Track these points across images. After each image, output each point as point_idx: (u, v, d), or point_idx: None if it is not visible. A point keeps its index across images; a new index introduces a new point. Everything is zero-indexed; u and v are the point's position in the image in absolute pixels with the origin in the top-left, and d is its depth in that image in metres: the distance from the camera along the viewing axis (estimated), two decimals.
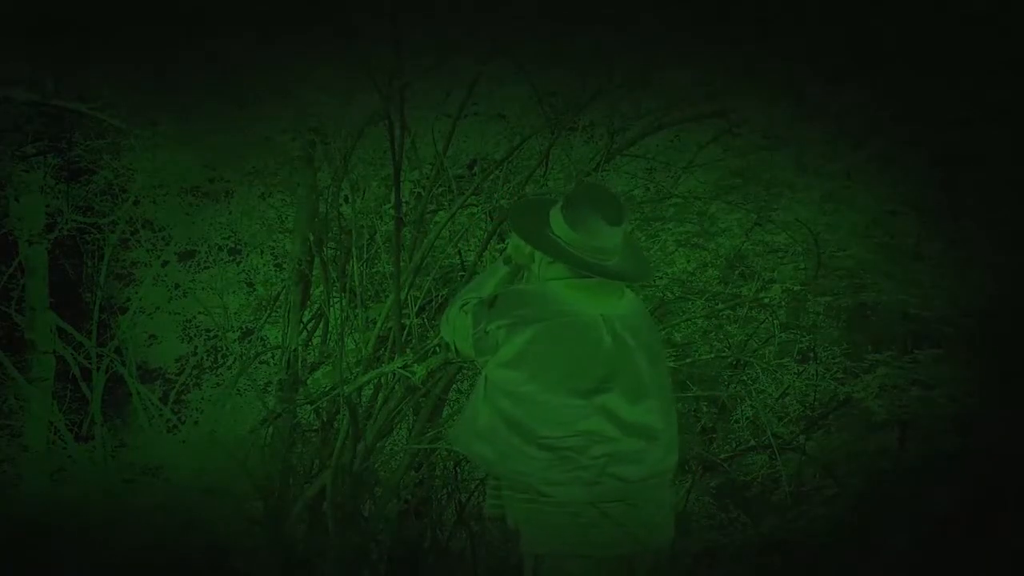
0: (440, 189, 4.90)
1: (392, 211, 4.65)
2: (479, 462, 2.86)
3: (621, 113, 4.58)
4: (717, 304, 4.97)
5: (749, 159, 4.76)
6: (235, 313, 6.81)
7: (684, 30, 4.23)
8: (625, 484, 2.64)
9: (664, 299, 5.25)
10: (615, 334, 2.67)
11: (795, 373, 5.74)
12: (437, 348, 4.46)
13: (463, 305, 2.81)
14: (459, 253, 5.35)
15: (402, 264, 4.56)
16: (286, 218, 6.19)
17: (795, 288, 4.88)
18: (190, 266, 7.49)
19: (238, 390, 6.05)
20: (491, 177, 4.86)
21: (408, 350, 4.53)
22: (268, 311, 6.03)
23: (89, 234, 7.32)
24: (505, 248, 2.97)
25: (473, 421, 2.78)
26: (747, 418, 5.78)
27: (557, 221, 2.71)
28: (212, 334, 7.29)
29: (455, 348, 2.84)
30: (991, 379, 4.71)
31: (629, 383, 2.67)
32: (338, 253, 4.97)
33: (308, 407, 5.17)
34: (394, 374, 4.52)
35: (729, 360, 5.26)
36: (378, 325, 4.69)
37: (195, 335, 7.61)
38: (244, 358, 5.86)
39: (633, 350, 2.68)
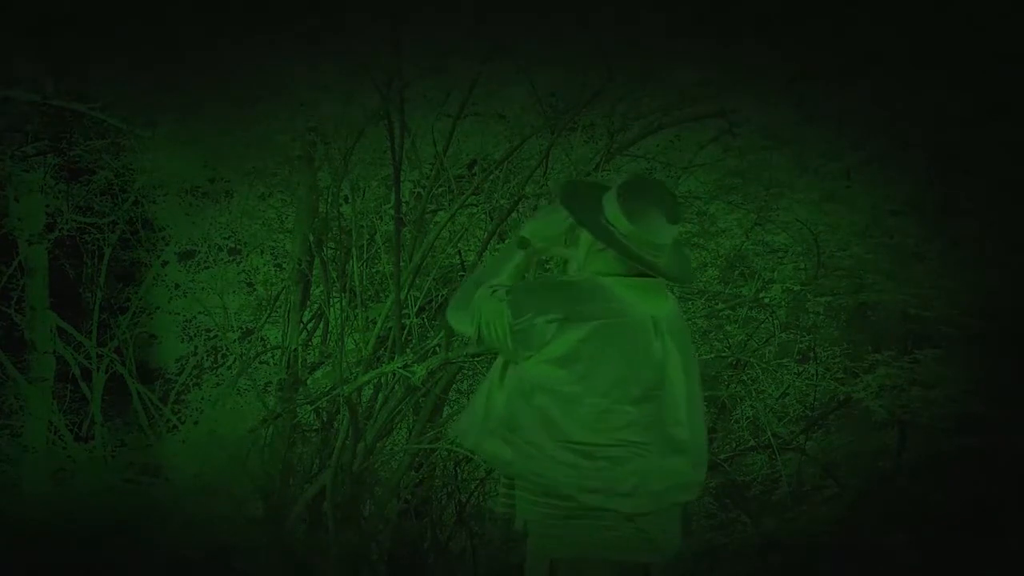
0: (440, 189, 4.91)
1: (392, 211, 4.65)
2: (491, 461, 2.69)
3: (621, 113, 4.57)
4: (717, 304, 4.97)
5: (749, 159, 4.76)
6: (235, 313, 6.80)
7: (684, 30, 4.23)
8: (657, 497, 2.54)
9: None
10: (662, 337, 2.57)
11: (795, 373, 5.73)
12: (437, 348, 4.46)
13: (494, 291, 2.61)
14: (459, 253, 5.35)
15: (402, 264, 4.56)
16: (286, 218, 6.19)
17: (795, 288, 4.88)
18: (190, 266, 7.49)
19: (238, 390, 6.05)
20: (491, 177, 4.86)
21: (408, 350, 4.53)
22: (268, 311, 6.02)
23: (89, 234, 7.32)
24: (520, 233, 2.76)
25: (485, 417, 2.63)
26: (747, 418, 5.77)
27: (613, 211, 2.57)
28: (212, 334, 7.29)
29: (481, 335, 2.60)
30: (991, 379, 4.71)
31: (673, 391, 2.57)
32: (338, 253, 4.97)
33: (308, 407, 5.16)
34: (394, 374, 4.52)
35: (729, 360, 5.26)
36: (378, 325, 4.69)
37: (195, 335, 7.61)
38: (244, 358, 5.86)
39: (675, 355, 2.58)
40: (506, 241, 2.82)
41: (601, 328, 2.51)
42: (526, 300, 2.54)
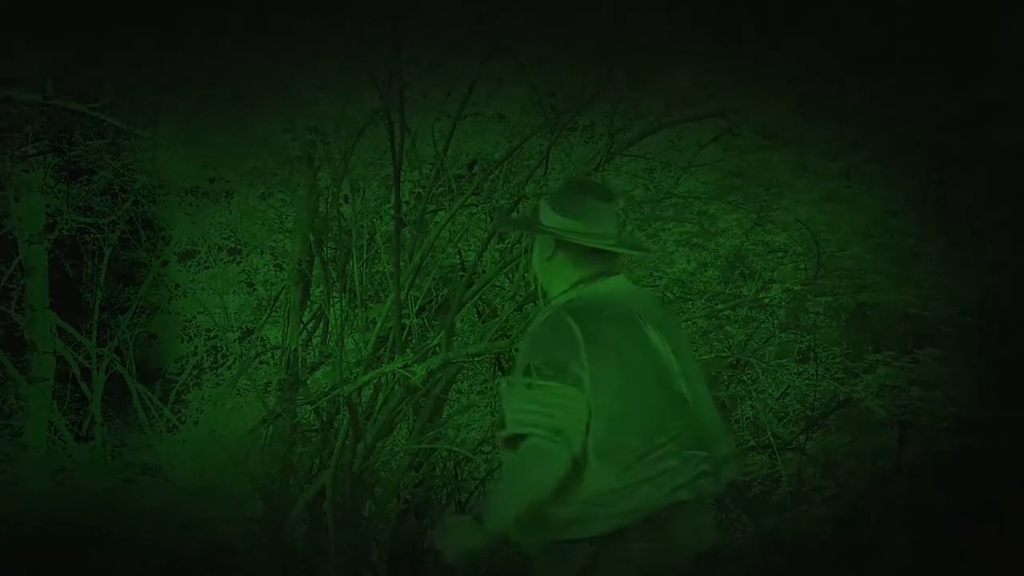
0: (440, 189, 4.90)
1: (392, 211, 4.65)
2: (582, 530, 2.41)
3: (621, 113, 4.57)
4: (717, 304, 4.97)
5: (749, 159, 4.76)
6: (235, 313, 6.81)
7: (684, 30, 4.24)
8: (721, 465, 2.53)
9: (664, 299, 5.25)
10: (650, 326, 2.55)
11: (795, 373, 5.73)
12: (437, 348, 4.46)
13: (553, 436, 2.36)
14: (459, 253, 5.35)
15: (402, 264, 4.56)
16: (286, 218, 6.19)
17: (795, 288, 4.88)
18: (190, 266, 7.50)
19: (238, 390, 6.06)
20: (491, 177, 4.86)
21: (408, 350, 4.53)
22: (268, 311, 6.02)
23: (89, 234, 7.33)
24: None
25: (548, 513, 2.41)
26: (747, 418, 5.77)
27: (549, 216, 2.57)
28: (212, 334, 7.29)
29: (562, 440, 2.37)
30: (991, 379, 4.71)
31: (683, 372, 2.55)
32: (338, 253, 4.97)
33: (308, 407, 5.16)
34: (394, 374, 4.52)
35: (729, 360, 5.25)
36: (378, 325, 4.69)
37: (195, 335, 7.61)
38: (244, 358, 5.87)
39: (666, 341, 2.56)
40: None
41: (611, 336, 2.47)
42: (558, 353, 2.43)
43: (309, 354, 5.22)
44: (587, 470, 2.38)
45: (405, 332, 4.56)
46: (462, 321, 5.40)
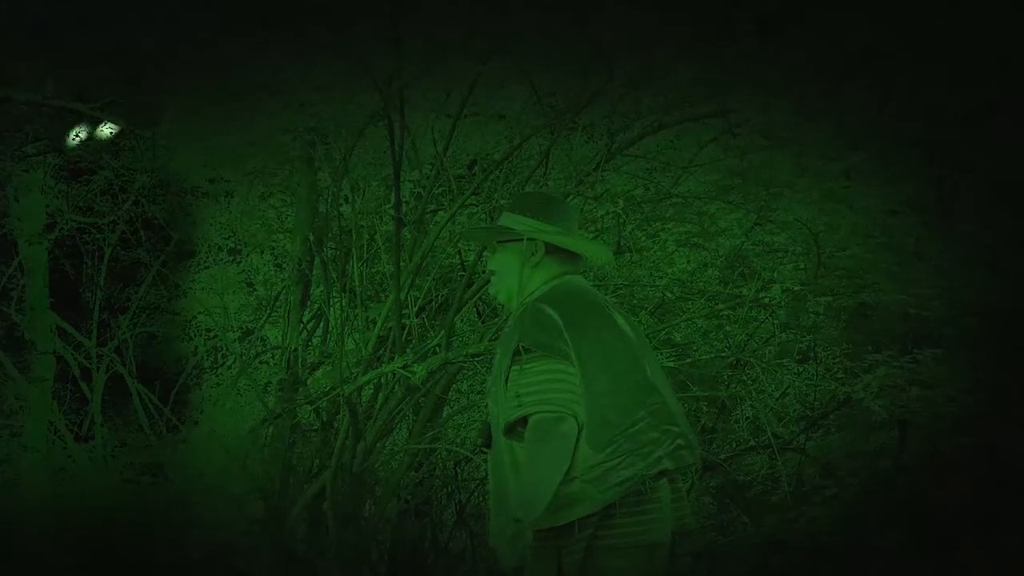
0: (440, 189, 4.91)
1: (392, 211, 4.66)
2: (587, 508, 2.44)
3: (621, 113, 4.58)
4: (717, 304, 4.97)
5: (749, 159, 4.76)
6: (235, 313, 6.80)
7: (684, 30, 4.24)
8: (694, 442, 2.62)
9: (664, 299, 5.25)
10: (617, 314, 2.65)
11: (795, 373, 5.72)
12: (437, 348, 4.46)
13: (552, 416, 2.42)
14: (459, 253, 5.35)
15: (402, 264, 4.56)
16: (286, 218, 6.19)
17: (795, 288, 4.88)
18: (190, 266, 7.49)
19: (238, 390, 6.05)
20: (491, 177, 4.86)
21: (408, 350, 4.53)
22: (268, 311, 6.02)
23: (89, 234, 7.32)
24: None
25: (549, 494, 2.41)
26: (747, 418, 5.76)
27: (530, 224, 2.65)
28: (212, 334, 7.28)
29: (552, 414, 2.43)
30: (991, 379, 4.71)
31: (648, 361, 2.65)
32: (338, 253, 4.98)
33: (308, 407, 5.17)
34: (394, 374, 4.53)
35: (729, 360, 5.25)
36: (378, 325, 4.69)
37: (195, 335, 7.60)
38: (244, 358, 5.87)
39: (635, 335, 2.66)
40: None
41: (587, 319, 2.56)
42: (543, 334, 2.49)
43: (309, 354, 5.22)
44: (576, 445, 2.45)
45: (405, 332, 4.57)
46: (462, 321, 5.40)
